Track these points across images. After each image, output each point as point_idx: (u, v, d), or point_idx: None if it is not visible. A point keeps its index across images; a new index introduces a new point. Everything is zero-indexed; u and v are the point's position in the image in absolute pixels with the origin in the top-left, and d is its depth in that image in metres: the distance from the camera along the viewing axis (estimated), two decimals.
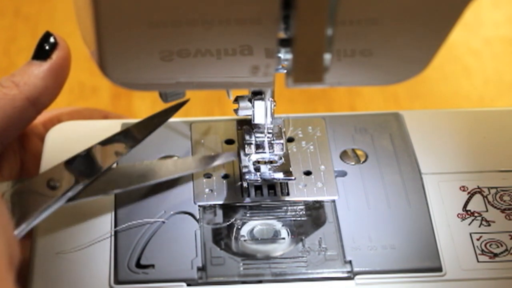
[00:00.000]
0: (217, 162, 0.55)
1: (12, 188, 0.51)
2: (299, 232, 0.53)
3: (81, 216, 0.53)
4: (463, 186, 0.56)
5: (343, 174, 0.56)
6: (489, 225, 0.53)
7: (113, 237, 0.52)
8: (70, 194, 0.51)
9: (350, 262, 0.51)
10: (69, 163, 0.53)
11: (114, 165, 0.54)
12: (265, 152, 0.55)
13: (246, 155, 0.55)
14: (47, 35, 0.57)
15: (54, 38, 0.57)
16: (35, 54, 0.57)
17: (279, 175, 0.54)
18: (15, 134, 0.57)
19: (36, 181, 0.51)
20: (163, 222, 0.53)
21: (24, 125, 0.57)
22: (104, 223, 0.53)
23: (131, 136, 0.55)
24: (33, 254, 0.51)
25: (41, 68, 0.56)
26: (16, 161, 0.58)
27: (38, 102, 0.56)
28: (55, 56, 0.56)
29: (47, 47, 0.56)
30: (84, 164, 0.52)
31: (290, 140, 0.58)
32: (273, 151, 0.55)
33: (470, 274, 0.51)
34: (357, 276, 0.51)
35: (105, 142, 0.54)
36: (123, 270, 0.50)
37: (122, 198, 0.54)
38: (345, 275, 0.51)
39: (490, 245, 0.52)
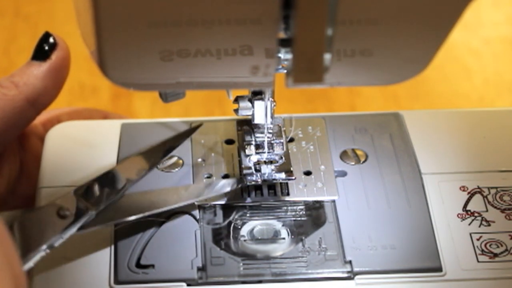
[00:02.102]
0: (223, 190, 0.54)
1: (21, 217, 0.50)
2: (299, 232, 0.53)
3: None
4: (463, 186, 0.56)
5: (343, 174, 0.56)
6: (489, 225, 0.53)
7: (113, 237, 0.52)
8: (80, 223, 0.50)
9: (350, 262, 0.51)
10: (79, 191, 0.52)
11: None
12: (265, 152, 0.55)
13: (246, 155, 0.55)
14: (47, 35, 0.57)
15: (54, 39, 0.57)
16: (35, 54, 0.57)
17: (280, 175, 0.54)
18: (15, 134, 0.57)
19: (46, 210, 0.50)
20: (163, 222, 0.53)
21: (24, 125, 0.57)
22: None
23: (144, 162, 0.54)
24: None
25: (41, 69, 0.56)
26: (15, 161, 0.58)
27: (37, 103, 0.56)
28: (55, 56, 0.56)
29: (46, 48, 0.56)
30: (94, 193, 0.52)
31: (290, 140, 0.58)
32: (273, 151, 0.55)
33: (470, 274, 0.51)
34: (357, 276, 0.51)
35: (116, 169, 0.53)
36: (123, 270, 0.50)
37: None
38: (345, 275, 0.51)
39: (490, 245, 0.52)
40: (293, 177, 0.54)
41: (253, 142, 0.55)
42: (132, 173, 0.53)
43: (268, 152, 0.55)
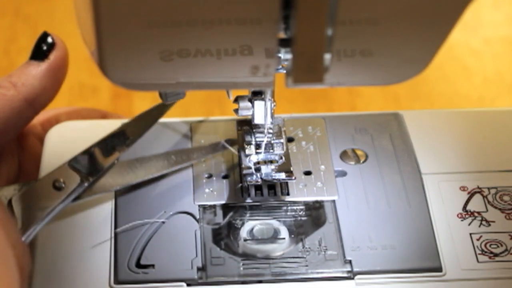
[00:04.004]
0: (217, 151, 0.56)
1: (19, 192, 0.52)
2: (299, 232, 0.53)
3: (81, 217, 0.53)
4: (463, 186, 0.56)
5: (343, 174, 0.56)
6: (489, 225, 0.53)
7: (113, 237, 0.52)
8: (76, 193, 0.52)
9: (350, 262, 0.51)
10: (72, 162, 0.53)
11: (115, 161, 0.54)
12: (265, 152, 0.55)
13: (246, 155, 0.55)
14: (45, 35, 0.57)
15: (52, 38, 0.57)
16: (33, 54, 0.57)
17: (280, 175, 0.54)
18: (13, 134, 0.57)
19: (41, 183, 0.52)
20: (163, 222, 0.53)
21: (22, 125, 0.57)
22: (104, 223, 0.53)
23: (129, 133, 0.55)
24: (33, 254, 0.51)
25: (39, 69, 0.56)
26: (14, 161, 0.58)
27: (35, 103, 0.56)
28: (53, 56, 0.56)
29: (44, 48, 0.56)
30: (87, 163, 0.53)
31: (290, 140, 0.58)
32: (273, 151, 0.55)
33: (470, 274, 0.51)
34: (357, 276, 0.51)
35: (104, 141, 0.54)
36: (123, 270, 0.50)
37: (122, 198, 0.54)
38: (345, 275, 0.51)
39: (490, 245, 0.52)
40: (293, 177, 0.54)
41: (253, 142, 0.55)
42: (120, 145, 0.54)
43: (268, 152, 0.55)
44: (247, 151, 0.55)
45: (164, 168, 0.55)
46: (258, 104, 0.54)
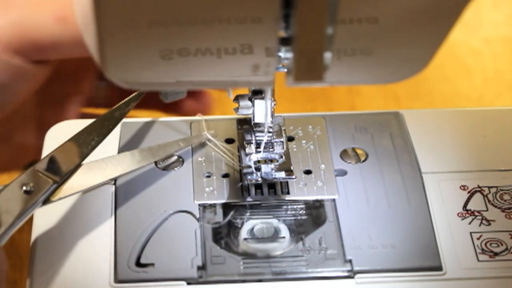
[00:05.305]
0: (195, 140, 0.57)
1: None
2: (299, 231, 0.53)
3: (81, 217, 0.53)
4: (463, 185, 0.56)
5: (343, 173, 0.56)
6: (489, 224, 0.53)
7: (113, 236, 0.52)
8: (45, 196, 0.51)
9: (350, 261, 0.51)
10: (39, 166, 0.52)
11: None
12: (265, 151, 0.55)
13: (246, 154, 0.55)
14: None
15: None
16: None
17: (280, 174, 0.54)
18: None
19: (10, 188, 0.51)
20: (163, 221, 0.53)
21: None
22: (104, 223, 0.53)
23: (96, 132, 0.55)
24: (33, 253, 0.51)
25: None
26: None
27: None
28: None
29: None
30: (54, 165, 0.53)
31: (290, 139, 0.58)
32: (274, 150, 0.55)
33: (470, 273, 0.51)
34: (357, 275, 0.51)
35: (71, 141, 0.54)
36: (123, 269, 0.50)
37: (122, 197, 0.54)
38: (345, 274, 0.51)
39: (490, 244, 0.52)
40: (293, 176, 0.54)
41: (253, 141, 0.55)
42: (88, 143, 0.54)
43: (268, 151, 0.55)
44: (247, 150, 0.55)
45: (131, 166, 0.54)
46: (258, 103, 0.54)
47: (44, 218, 0.53)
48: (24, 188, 0.51)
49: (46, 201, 0.51)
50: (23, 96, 0.59)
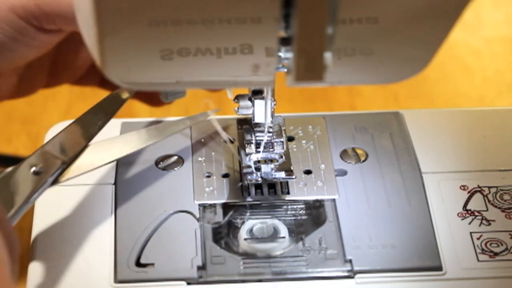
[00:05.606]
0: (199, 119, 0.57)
1: None
2: (299, 231, 0.53)
3: (81, 216, 0.53)
4: (463, 185, 0.56)
5: (343, 173, 0.56)
6: (489, 224, 0.53)
7: (113, 236, 0.52)
8: (54, 176, 0.52)
9: (350, 261, 0.51)
10: (48, 147, 0.53)
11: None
12: (265, 151, 0.55)
13: (246, 154, 0.55)
14: None
15: None
16: None
17: (280, 174, 0.54)
18: None
19: (20, 170, 0.51)
20: (163, 220, 0.53)
21: None
22: (104, 223, 0.53)
23: (103, 111, 0.55)
24: (32, 253, 0.51)
25: None
26: None
27: None
28: None
29: None
30: (62, 145, 0.53)
31: (290, 139, 0.58)
32: (274, 150, 0.55)
33: (470, 273, 0.51)
34: (357, 275, 0.51)
35: (78, 121, 0.55)
36: (123, 269, 0.50)
37: (122, 197, 0.54)
38: (345, 274, 0.51)
39: (490, 244, 0.52)
40: (293, 176, 0.54)
41: (253, 141, 0.55)
42: (93, 126, 0.54)
43: (268, 151, 0.55)
44: (247, 150, 0.55)
45: (138, 145, 0.54)
46: (258, 103, 0.54)
47: (44, 218, 0.53)
48: (34, 169, 0.51)
49: (55, 181, 0.52)
50: (27, 59, 0.59)
